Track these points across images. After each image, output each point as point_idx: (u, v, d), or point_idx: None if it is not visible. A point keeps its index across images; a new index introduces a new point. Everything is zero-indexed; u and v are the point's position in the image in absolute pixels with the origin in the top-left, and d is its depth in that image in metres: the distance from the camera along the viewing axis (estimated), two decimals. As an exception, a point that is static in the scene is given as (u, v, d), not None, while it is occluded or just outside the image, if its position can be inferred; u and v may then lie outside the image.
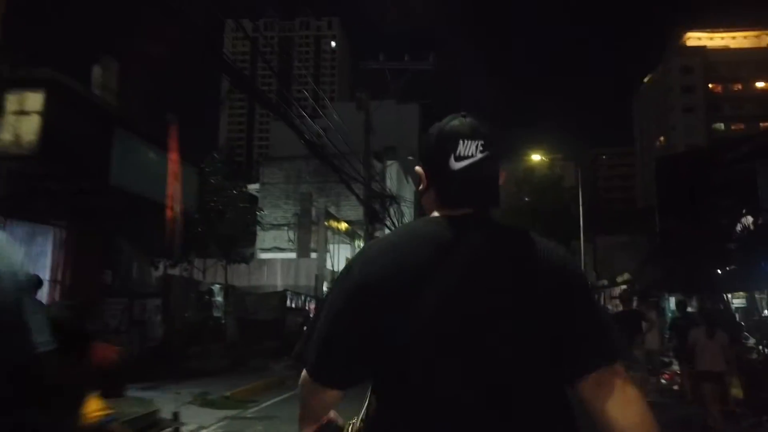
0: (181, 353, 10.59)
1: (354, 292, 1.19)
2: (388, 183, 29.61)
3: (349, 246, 26.65)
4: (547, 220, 30.92)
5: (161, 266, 12.43)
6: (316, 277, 19.45)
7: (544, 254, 1.23)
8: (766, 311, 10.72)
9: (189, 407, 7.94)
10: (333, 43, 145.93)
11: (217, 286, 13.82)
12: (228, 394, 9.07)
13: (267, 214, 32.41)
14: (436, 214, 1.31)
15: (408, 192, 48.94)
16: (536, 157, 27.43)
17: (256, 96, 10.94)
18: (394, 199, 18.74)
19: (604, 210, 62.31)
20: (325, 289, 18.41)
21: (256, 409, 8.74)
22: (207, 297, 12.73)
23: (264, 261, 19.55)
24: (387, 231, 21.70)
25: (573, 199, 29.64)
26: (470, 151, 1.26)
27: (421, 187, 1.35)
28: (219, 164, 19.40)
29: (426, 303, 1.14)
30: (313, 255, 22.11)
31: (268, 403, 9.10)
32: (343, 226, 25.88)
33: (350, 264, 1.27)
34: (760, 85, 79.18)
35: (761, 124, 67.55)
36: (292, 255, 24.32)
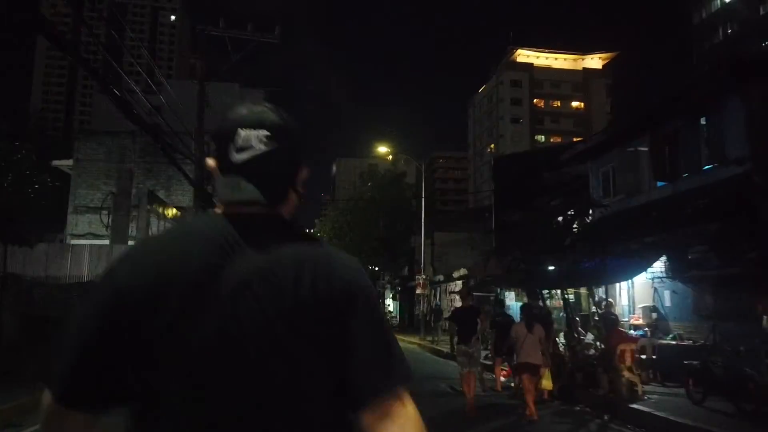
0: None
1: (107, 296, 1.04)
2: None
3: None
4: (388, 214, 31.01)
5: None
6: (134, 266, 16.87)
7: (330, 268, 1.10)
8: (595, 308, 11.08)
9: None
10: (173, 17, 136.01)
11: (-12, 274, 10.97)
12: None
13: (82, 195, 28.66)
14: (218, 210, 1.18)
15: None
16: (383, 149, 27.21)
17: (77, 59, 8.71)
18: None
19: (440, 209, 65.23)
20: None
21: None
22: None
23: (67, 246, 16.54)
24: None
25: (414, 195, 29.99)
26: (251, 142, 1.14)
27: (213, 181, 1.25)
28: None
29: (187, 317, 1.01)
30: (133, 243, 19.41)
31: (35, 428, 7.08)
32: (173, 212, 23.36)
33: (112, 264, 1.10)
34: (574, 104, 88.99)
35: (574, 139, 75.99)
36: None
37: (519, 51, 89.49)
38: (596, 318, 10.54)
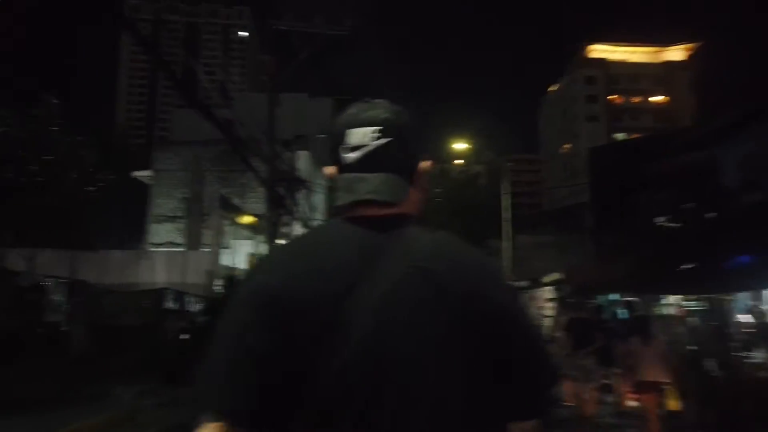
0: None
1: (265, 303, 0.97)
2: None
3: (252, 242, 23.77)
4: (463, 217, 29.62)
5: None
6: (208, 273, 16.42)
7: (483, 277, 1.03)
8: (740, 317, 9.27)
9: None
10: (244, 33, 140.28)
11: (54, 280, 10.44)
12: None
13: (160, 204, 29.05)
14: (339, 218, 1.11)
15: (321, 180, 46.43)
16: (461, 146, 25.95)
17: (157, 60, 8.25)
18: (303, 184, 16.04)
19: (515, 212, 62.84)
20: (218, 288, 15.47)
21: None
22: (36, 295, 9.43)
23: (141, 253, 16.23)
24: (294, 221, 19.09)
25: (489, 197, 28.49)
26: (362, 139, 1.09)
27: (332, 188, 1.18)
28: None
29: (335, 329, 0.96)
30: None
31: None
32: (248, 219, 22.97)
33: (251, 271, 1.09)
34: (655, 99, 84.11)
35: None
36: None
37: (592, 46, 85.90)
38: (750, 329, 8.74)
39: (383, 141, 1.08)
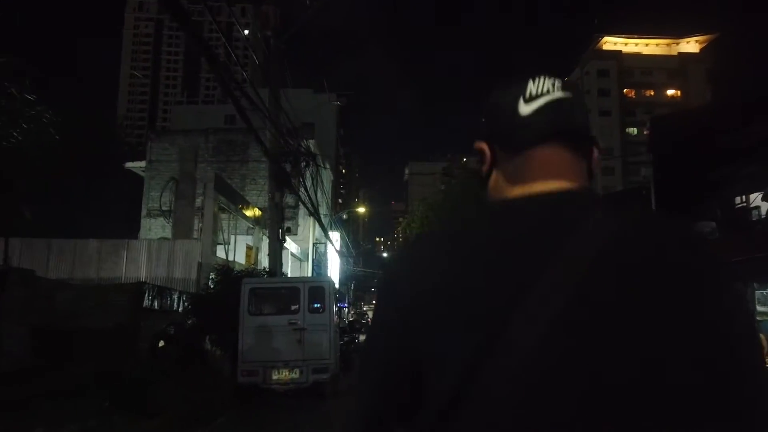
0: None
1: (403, 319, 0.78)
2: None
3: (251, 237, 21.38)
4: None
5: None
6: (200, 266, 13.94)
7: (712, 274, 0.77)
8: None
9: None
10: (246, 32, 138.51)
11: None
12: None
13: (155, 198, 26.97)
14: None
15: (326, 179, 44.35)
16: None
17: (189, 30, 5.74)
18: (312, 158, 13.54)
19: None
20: (211, 284, 12.99)
21: None
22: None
23: (122, 243, 13.76)
24: (300, 202, 16.59)
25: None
26: (545, 87, 0.89)
27: (484, 167, 0.94)
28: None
29: (531, 337, 0.72)
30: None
31: None
32: (250, 212, 20.58)
33: (390, 272, 0.85)
34: (670, 92, 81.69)
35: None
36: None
37: (605, 38, 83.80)
38: None
39: (569, 94, 0.91)
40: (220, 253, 17.21)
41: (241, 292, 9.68)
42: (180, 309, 11.77)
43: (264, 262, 17.83)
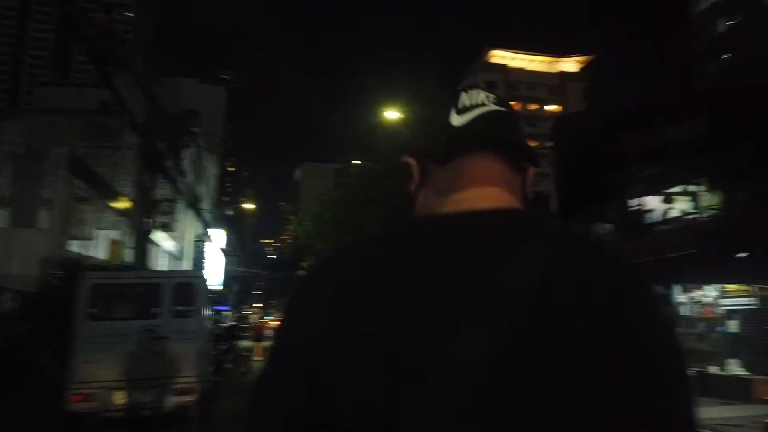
0: None
1: (289, 349, 0.73)
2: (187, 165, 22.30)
3: (120, 232, 18.86)
4: (384, 208, 26.40)
5: None
6: (44, 261, 11.62)
7: (629, 288, 0.74)
8: None
9: None
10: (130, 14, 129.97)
11: None
12: None
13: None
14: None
15: (210, 172, 41.53)
16: (392, 114, 22.29)
17: None
18: (192, 137, 11.58)
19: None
20: (54, 281, 10.77)
21: None
22: None
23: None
24: (178, 193, 14.60)
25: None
26: (479, 99, 0.87)
27: (412, 184, 0.89)
28: None
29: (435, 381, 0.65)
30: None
31: None
32: (122, 204, 18.06)
33: (291, 308, 0.75)
34: (550, 107, 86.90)
35: (547, 143, 73.63)
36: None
37: (493, 52, 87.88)
38: None
39: (501, 109, 0.89)
40: (80, 249, 14.82)
41: (79, 289, 7.60)
42: (10, 312, 9.54)
43: (130, 258, 15.57)
